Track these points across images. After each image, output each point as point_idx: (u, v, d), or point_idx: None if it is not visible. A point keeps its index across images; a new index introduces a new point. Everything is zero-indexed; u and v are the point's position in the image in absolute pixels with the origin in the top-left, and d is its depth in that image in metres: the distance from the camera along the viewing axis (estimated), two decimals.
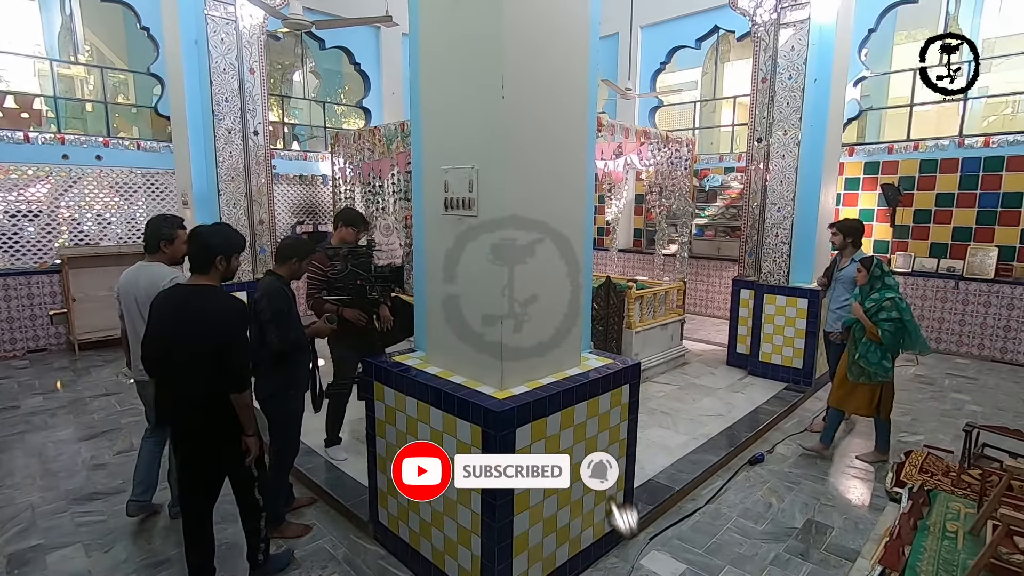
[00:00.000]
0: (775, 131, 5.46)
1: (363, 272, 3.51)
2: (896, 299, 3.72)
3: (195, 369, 2.31)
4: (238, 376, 2.34)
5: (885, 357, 3.77)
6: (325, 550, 2.96)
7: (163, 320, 2.39)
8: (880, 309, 3.75)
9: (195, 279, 2.42)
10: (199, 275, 2.41)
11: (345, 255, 3.51)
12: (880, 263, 3.86)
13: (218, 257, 2.40)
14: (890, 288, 3.78)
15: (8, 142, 6.31)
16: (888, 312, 3.71)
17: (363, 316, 3.55)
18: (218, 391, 2.33)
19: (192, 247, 2.42)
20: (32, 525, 3.19)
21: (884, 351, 3.76)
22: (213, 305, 2.33)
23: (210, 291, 2.38)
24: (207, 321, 2.30)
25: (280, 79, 11.01)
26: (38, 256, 6.61)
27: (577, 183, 2.70)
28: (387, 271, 3.65)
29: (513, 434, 2.28)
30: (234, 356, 2.31)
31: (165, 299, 2.43)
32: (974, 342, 6.66)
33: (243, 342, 2.40)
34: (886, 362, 3.77)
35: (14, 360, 6.35)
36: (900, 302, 3.72)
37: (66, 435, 4.42)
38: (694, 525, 3.22)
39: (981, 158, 6.56)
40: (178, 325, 2.33)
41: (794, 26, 5.26)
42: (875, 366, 3.77)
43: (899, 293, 3.79)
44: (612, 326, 5.41)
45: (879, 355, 3.76)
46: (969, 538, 2.80)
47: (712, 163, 9.04)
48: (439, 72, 2.58)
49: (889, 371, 3.79)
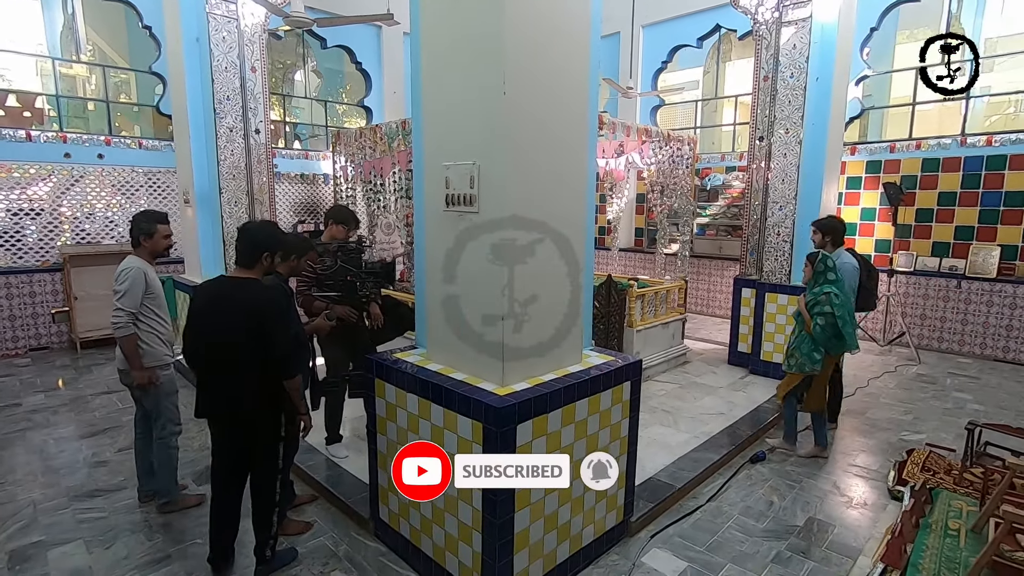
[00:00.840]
0: (777, 129, 5.45)
1: (353, 268, 3.50)
2: (832, 295, 3.75)
3: (236, 359, 2.40)
4: (286, 363, 2.45)
5: (816, 349, 3.81)
6: (326, 547, 2.96)
7: (203, 312, 2.48)
8: (816, 303, 3.81)
9: (239, 271, 2.53)
10: (243, 268, 2.52)
11: (335, 251, 3.49)
12: (826, 258, 3.87)
13: (264, 254, 2.51)
14: (830, 283, 3.81)
15: (10, 140, 6.33)
16: (822, 307, 3.77)
17: (353, 313, 3.53)
18: (257, 379, 2.42)
19: (239, 242, 2.53)
20: (33, 522, 3.19)
21: (815, 344, 3.81)
22: (254, 296, 2.42)
23: (251, 283, 2.48)
24: (248, 312, 2.38)
25: (282, 78, 11.01)
26: (40, 255, 6.62)
27: (578, 180, 2.70)
28: (377, 267, 3.63)
29: (514, 430, 2.28)
30: (278, 344, 2.42)
31: (205, 291, 2.54)
32: (976, 341, 6.65)
33: (285, 330, 2.49)
34: (816, 354, 3.81)
35: (16, 358, 6.36)
36: (835, 299, 3.74)
37: (67, 432, 4.43)
38: (695, 523, 3.22)
39: (983, 157, 6.55)
40: (218, 315, 2.42)
41: (796, 24, 5.25)
42: (804, 357, 3.83)
43: (841, 290, 3.81)
44: (613, 325, 5.40)
45: (810, 347, 3.83)
46: (971, 536, 2.79)
47: (713, 162, 9.03)
48: (440, 70, 2.58)
49: (817, 363, 3.82)
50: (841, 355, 4.09)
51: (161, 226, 3.15)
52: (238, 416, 2.49)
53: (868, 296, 4.50)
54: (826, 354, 3.84)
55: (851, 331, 3.79)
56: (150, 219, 3.14)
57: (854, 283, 4.24)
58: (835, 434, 4.42)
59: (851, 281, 4.17)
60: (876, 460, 4.01)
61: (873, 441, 4.33)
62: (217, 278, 2.62)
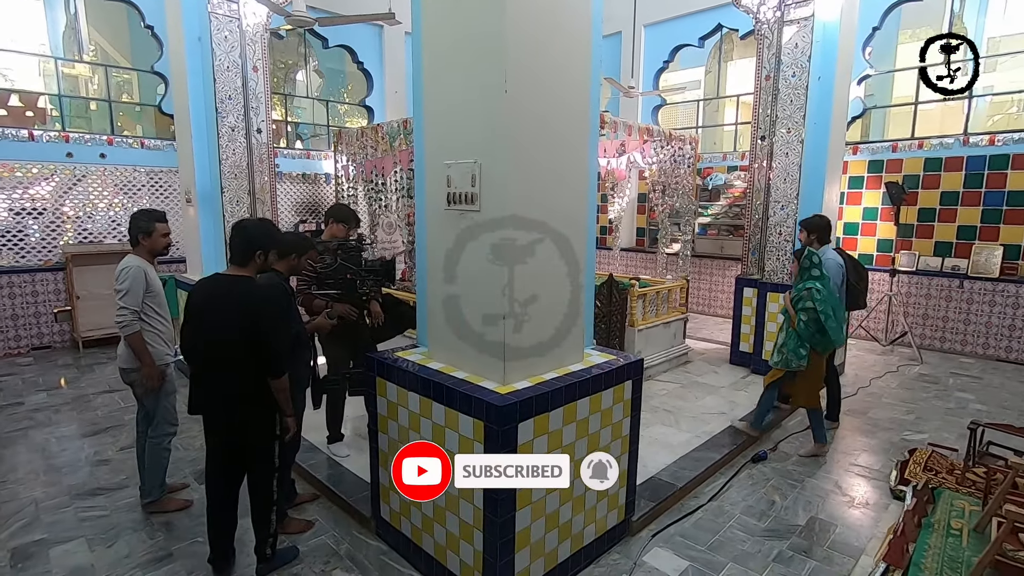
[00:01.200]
0: (779, 128, 5.45)
1: (353, 266, 3.49)
2: (815, 290, 3.78)
3: (230, 356, 2.39)
4: (277, 362, 2.44)
5: (802, 345, 3.85)
6: (327, 545, 2.96)
7: (200, 309, 2.47)
8: (800, 299, 3.85)
9: (233, 270, 2.53)
10: (237, 267, 2.52)
11: (335, 249, 3.49)
12: (811, 255, 3.92)
13: (257, 252, 2.51)
14: (815, 279, 3.85)
15: (13, 140, 6.34)
16: (805, 302, 3.80)
17: (354, 311, 3.52)
18: (253, 378, 2.42)
19: (233, 239, 2.52)
20: (35, 520, 3.20)
21: (800, 340, 3.84)
22: (247, 294, 2.42)
23: (244, 281, 2.47)
24: (242, 310, 2.38)
25: (283, 78, 11.02)
26: (42, 254, 6.63)
27: (579, 178, 2.70)
28: (377, 265, 3.62)
29: (515, 429, 2.28)
30: (272, 343, 2.41)
31: (202, 289, 2.53)
32: (979, 341, 6.63)
33: (281, 329, 2.49)
34: (802, 350, 3.85)
35: (19, 357, 6.37)
36: (817, 294, 3.77)
37: (69, 431, 4.43)
38: (696, 522, 3.21)
39: (986, 156, 6.53)
40: (214, 313, 2.42)
41: (798, 23, 5.25)
42: (791, 352, 3.88)
43: (825, 286, 3.83)
44: (614, 324, 5.40)
45: (795, 343, 3.87)
46: (974, 535, 2.79)
47: (715, 162, 9.02)
48: (442, 68, 2.58)
49: (803, 359, 3.85)
50: (832, 351, 4.10)
51: (159, 224, 3.14)
52: (232, 415, 2.47)
53: (857, 295, 4.54)
54: (812, 350, 3.86)
55: (834, 326, 3.79)
56: (148, 218, 3.14)
57: (839, 280, 4.29)
58: (835, 433, 4.41)
59: (836, 278, 4.22)
60: (878, 460, 4.00)
61: (875, 441, 4.32)
62: (212, 276, 2.60)
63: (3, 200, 6.38)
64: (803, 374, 3.93)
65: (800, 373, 3.93)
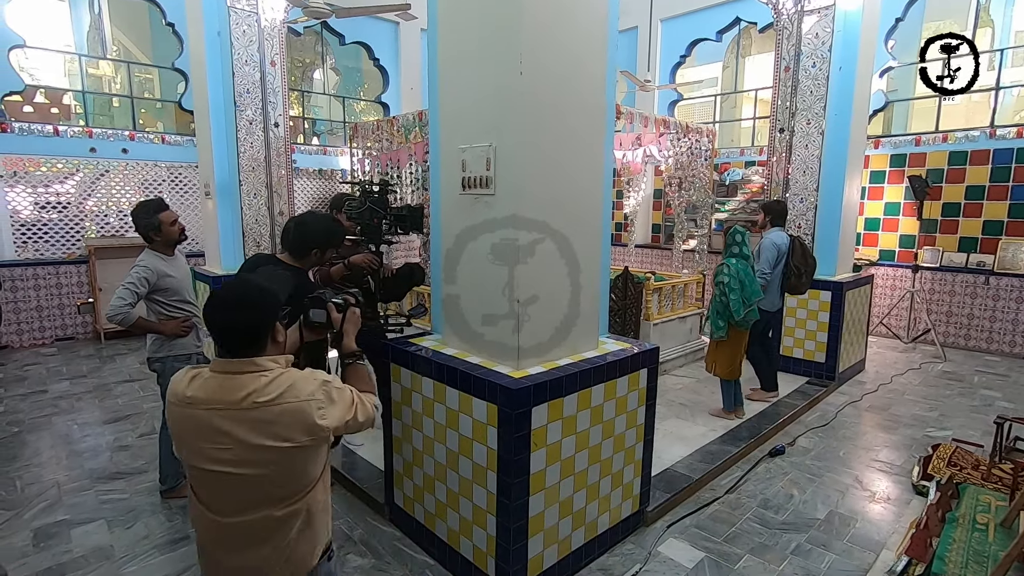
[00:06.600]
0: (798, 120, 5.35)
1: (380, 210, 3.31)
2: (726, 266, 4.03)
3: None
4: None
5: (721, 317, 4.07)
6: (341, 531, 2.97)
7: None
8: (718, 273, 4.10)
9: (287, 258, 2.63)
10: (295, 258, 2.62)
11: (362, 193, 3.33)
12: (735, 232, 4.17)
13: (314, 251, 2.63)
14: (734, 256, 4.08)
15: (39, 135, 6.48)
16: (718, 276, 4.05)
17: (375, 260, 3.29)
18: None
19: (295, 234, 2.60)
20: (58, 502, 3.26)
21: (717, 312, 4.08)
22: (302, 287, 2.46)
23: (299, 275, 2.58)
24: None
25: (301, 76, 11.15)
26: (66, 247, 6.77)
27: (594, 162, 2.68)
28: (404, 211, 3.40)
29: (529, 413, 2.27)
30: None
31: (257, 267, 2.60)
32: (1005, 339, 6.46)
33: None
34: (720, 321, 4.07)
35: (43, 347, 6.52)
36: (727, 269, 4.00)
37: (91, 418, 4.52)
38: (713, 514, 3.17)
39: (1014, 150, 6.35)
40: None
41: (819, 13, 5.15)
42: (712, 324, 4.13)
43: (741, 264, 4.05)
44: (630, 318, 5.35)
45: (715, 314, 4.11)
46: (1000, 530, 2.71)
47: (732, 157, 8.91)
48: (458, 53, 2.58)
49: (721, 330, 4.08)
50: (763, 327, 4.43)
51: (162, 215, 3.02)
52: None
53: (795, 278, 4.61)
54: (730, 324, 4.06)
55: (735, 299, 3.96)
56: (148, 212, 3.00)
57: (771, 257, 4.52)
58: (775, 399, 4.66)
59: (768, 255, 4.51)
60: (900, 456, 3.91)
61: (896, 437, 4.23)
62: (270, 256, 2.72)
63: (29, 194, 6.52)
64: (723, 345, 4.15)
65: (720, 344, 4.16)
